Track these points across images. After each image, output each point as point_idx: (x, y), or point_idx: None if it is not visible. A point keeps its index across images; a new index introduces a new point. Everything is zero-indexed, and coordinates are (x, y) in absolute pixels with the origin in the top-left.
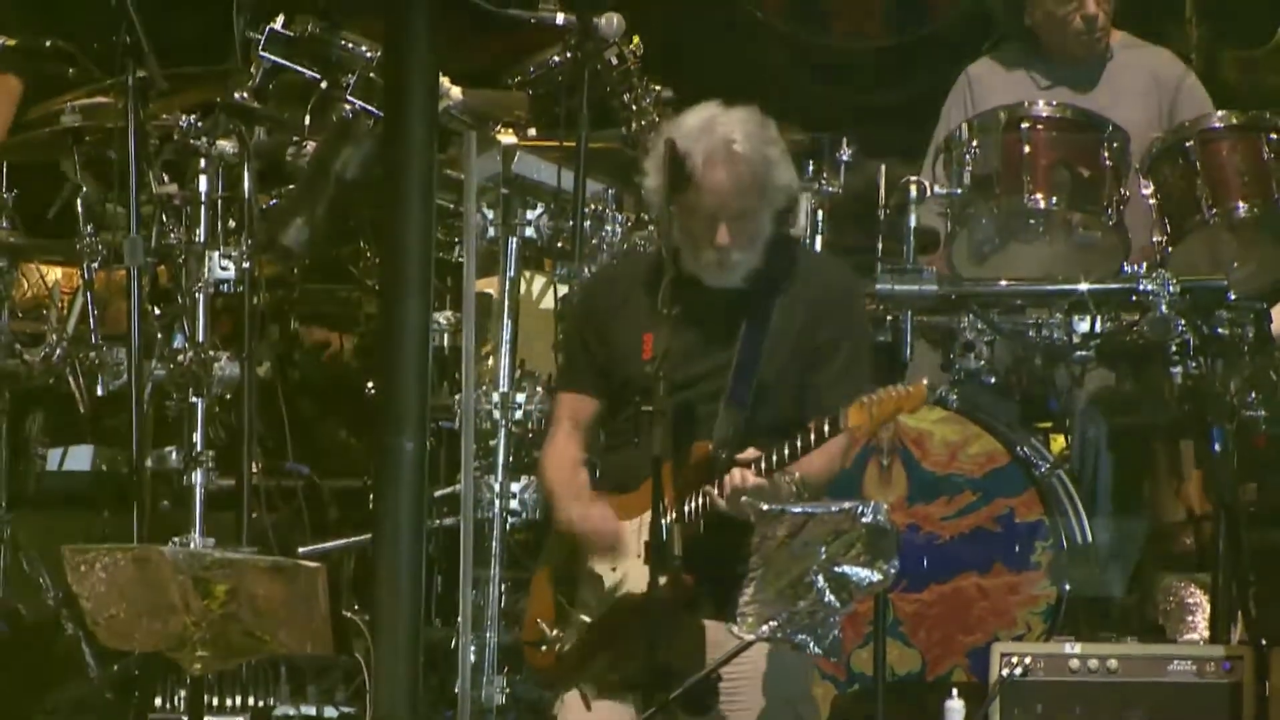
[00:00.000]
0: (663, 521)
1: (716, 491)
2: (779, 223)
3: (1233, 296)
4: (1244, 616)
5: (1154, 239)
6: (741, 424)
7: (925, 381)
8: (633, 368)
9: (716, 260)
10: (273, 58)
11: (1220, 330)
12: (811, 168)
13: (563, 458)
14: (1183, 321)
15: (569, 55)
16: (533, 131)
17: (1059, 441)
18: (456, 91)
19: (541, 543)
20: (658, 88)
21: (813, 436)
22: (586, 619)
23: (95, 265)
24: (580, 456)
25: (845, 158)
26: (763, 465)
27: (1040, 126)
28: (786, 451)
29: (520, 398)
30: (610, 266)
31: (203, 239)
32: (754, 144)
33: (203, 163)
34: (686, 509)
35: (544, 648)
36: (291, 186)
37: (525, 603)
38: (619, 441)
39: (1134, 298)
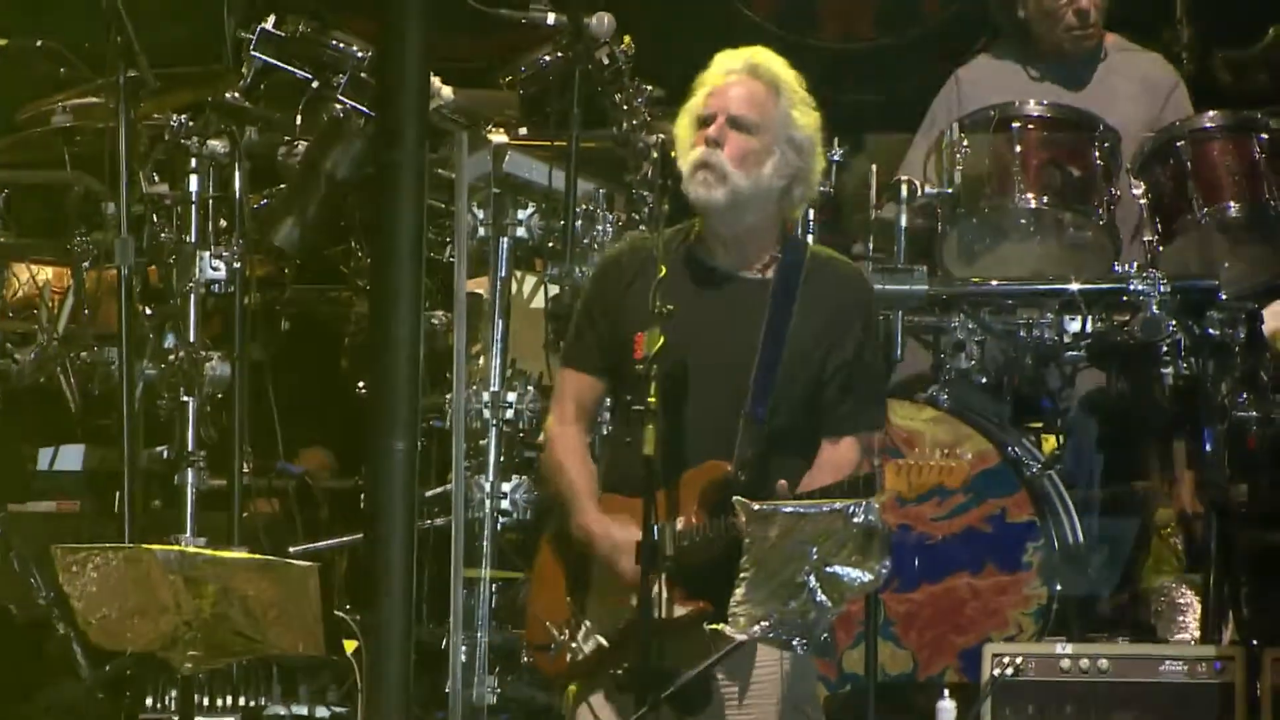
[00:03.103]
0: (654, 524)
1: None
2: (793, 199)
3: (1224, 297)
4: (1235, 617)
5: (1145, 239)
6: (761, 443)
7: (969, 458)
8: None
9: (703, 178)
10: (264, 57)
11: (1211, 331)
12: None
13: (576, 451)
14: (1174, 322)
15: (560, 55)
16: (524, 131)
17: (1050, 442)
18: (448, 91)
19: (537, 536)
20: (649, 87)
21: (845, 487)
22: (603, 640)
23: (86, 265)
24: (588, 445)
25: (836, 158)
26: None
27: (1031, 126)
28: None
29: (511, 397)
30: (629, 242)
31: (194, 239)
32: (782, 78)
33: (193, 163)
34: (707, 531)
35: (553, 651)
36: (282, 186)
37: (526, 596)
38: (631, 436)
39: (1125, 298)
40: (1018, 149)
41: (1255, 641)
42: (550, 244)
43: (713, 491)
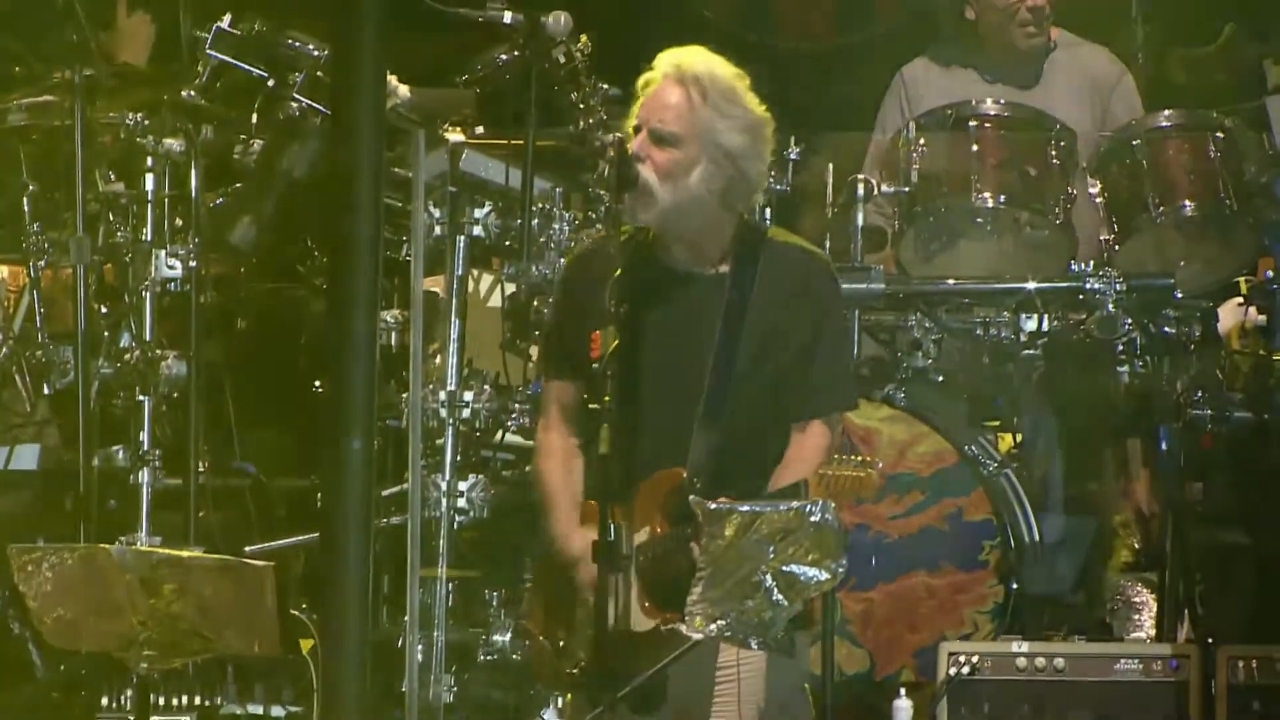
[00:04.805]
0: (610, 524)
1: (698, 547)
2: (734, 200)
3: (1179, 295)
4: (1190, 615)
5: (1101, 237)
6: (716, 448)
7: (880, 468)
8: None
9: (637, 198)
10: (220, 56)
11: (1167, 329)
12: None
13: (557, 455)
14: (1130, 320)
15: (517, 54)
16: (480, 130)
17: (1007, 440)
18: (404, 90)
19: (494, 536)
20: (605, 86)
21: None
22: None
23: (42, 264)
24: (574, 447)
25: (793, 156)
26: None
27: (988, 125)
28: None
29: (468, 396)
30: (590, 247)
31: (149, 237)
32: (709, 80)
33: (149, 161)
34: (663, 542)
35: (554, 667)
36: (238, 185)
37: (527, 611)
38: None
39: (1081, 296)
40: (974, 148)
41: (1210, 640)
42: (507, 243)
43: (672, 499)
